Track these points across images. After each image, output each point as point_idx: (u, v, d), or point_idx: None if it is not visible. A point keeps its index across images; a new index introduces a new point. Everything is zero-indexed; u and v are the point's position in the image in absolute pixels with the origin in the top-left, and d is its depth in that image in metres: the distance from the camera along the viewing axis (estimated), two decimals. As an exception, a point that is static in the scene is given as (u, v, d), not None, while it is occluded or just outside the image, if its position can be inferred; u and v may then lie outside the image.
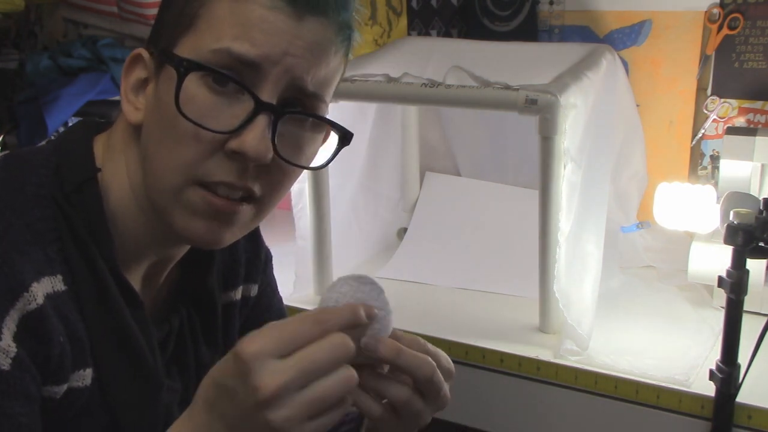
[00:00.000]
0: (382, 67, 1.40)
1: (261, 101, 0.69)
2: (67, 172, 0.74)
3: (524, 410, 1.30)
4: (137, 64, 0.76)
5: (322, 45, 0.71)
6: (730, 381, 1.11)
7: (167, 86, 0.71)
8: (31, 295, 0.67)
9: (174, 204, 0.72)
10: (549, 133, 1.22)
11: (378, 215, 1.75)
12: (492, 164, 1.79)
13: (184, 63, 0.69)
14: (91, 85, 1.81)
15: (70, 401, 0.71)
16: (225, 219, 0.73)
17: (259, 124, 0.69)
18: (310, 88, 0.72)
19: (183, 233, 0.74)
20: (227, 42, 0.69)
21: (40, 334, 0.67)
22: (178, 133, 0.70)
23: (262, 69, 0.69)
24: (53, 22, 2.33)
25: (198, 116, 0.69)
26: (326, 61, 0.72)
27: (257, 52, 0.69)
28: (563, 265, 1.27)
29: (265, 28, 0.69)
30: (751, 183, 1.44)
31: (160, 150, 0.72)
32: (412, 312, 1.45)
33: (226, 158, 0.70)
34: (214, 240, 0.75)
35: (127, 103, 0.75)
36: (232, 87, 0.69)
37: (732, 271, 1.10)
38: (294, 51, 0.70)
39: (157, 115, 0.72)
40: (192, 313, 0.87)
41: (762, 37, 1.55)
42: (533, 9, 1.73)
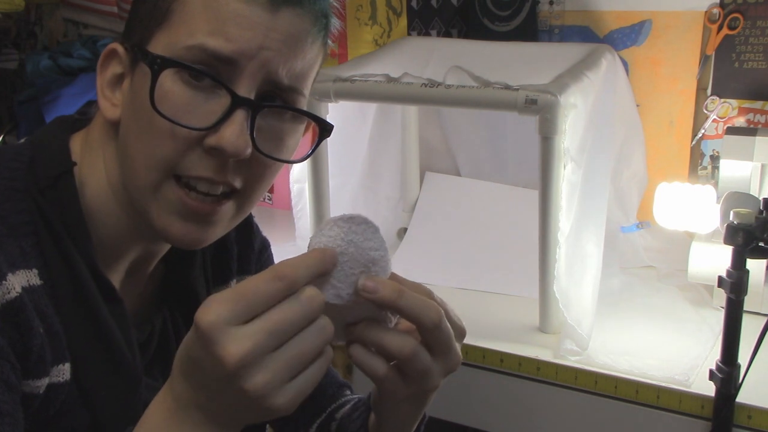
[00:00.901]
0: (382, 67, 1.40)
1: (238, 96, 0.68)
2: (41, 166, 0.72)
3: (524, 410, 1.30)
4: (112, 59, 0.74)
5: (298, 36, 0.70)
6: (730, 381, 1.11)
7: (142, 82, 0.69)
8: (6, 286, 0.66)
9: (152, 201, 0.71)
10: (549, 133, 1.22)
11: (378, 215, 1.75)
12: (492, 164, 1.79)
13: (158, 60, 0.68)
14: (91, 85, 1.81)
15: (50, 397, 0.70)
16: (202, 219, 0.72)
17: (236, 120, 0.68)
18: (286, 81, 0.71)
19: (162, 232, 0.73)
20: (201, 37, 0.68)
21: (19, 324, 0.66)
22: (155, 130, 0.69)
23: (237, 64, 0.68)
24: (53, 22, 2.33)
25: (174, 113, 0.68)
26: (302, 53, 0.71)
27: (232, 48, 0.67)
28: (563, 265, 1.27)
29: (239, 22, 0.67)
30: (751, 183, 1.44)
31: (137, 146, 0.71)
32: (412, 312, 1.45)
33: (204, 154, 0.69)
34: (193, 240, 0.73)
35: (104, 99, 0.74)
36: (208, 82, 0.68)
37: (732, 271, 1.10)
38: (270, 44, 0.68)
39: (134, 112, 0.71)
40: (176, 312, 0.85)
41: (762, 37, 1.55)
42: (533, 9, 1.73)
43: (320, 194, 1.46)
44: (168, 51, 0.68)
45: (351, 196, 1.65)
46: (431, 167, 1.86)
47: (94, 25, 2.16)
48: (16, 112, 1.88)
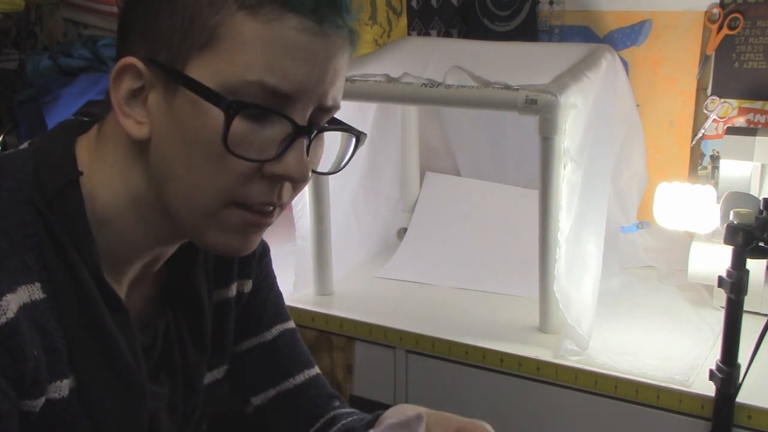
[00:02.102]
0: (382, 67, 1.40)
1: (300, 126, 0.70)
2: (47, 176, 0.71)
3: (524, 410, 1.30)
4: (126, 74, 0.71)
5: (341, 57, 0.72)
6: (730, 381, 1.11)
7: (192, 113, 0.68)
8: (3, 307, 0.65)
9: (208, 223, 0.72)
10: (549, 133, 1.22)
11: (378, 215, 1.75)
12: (492, 164, 1.79)
13: (233, 105, 0.66)
14: (91, 85, 1.82)
15: (47, 413, 0.70)
16: (257, 231, 0.75)
17: (298, 147, 0.70)
18: (331, 102, 0.73)
19: (215, 247, 0.74)
20: (258, 73, 0.67)
21: (11, 349, 0.65)
22: (220, 165, 0.69)
23: (293, 98, 0.69)
24: (53, 22, 2.33)
25: (240, 149, 0.68)
26: (342, 72, 0.73)
27: (290, 85, 0.68)
28: (563, 265, 1.27)
29: (296, 55, 0.67)
30: (751, 183, 1.44)
31: (190, 174, 0.70)
32: (412, 312, 1.45)
33: (262, 179, 0.71)
34: (244, 249, 0.75)
35: (124, 117, 0.71)
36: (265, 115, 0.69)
37: (732, 271, 1.10)
38: (320, 75, 0.70)
39: (181, 140, 0.70)
40: (179, 314, 0.85)
41: (762, 37, 1.55)
42: (533, 9, 1.73)
43: (320, 194, 1.46)
44: (218, 80, 0.67)
45: (351, 196, 1.65)
46: (431, 167, 1.86)
47: (94, 25, 2.16)
48: (16, 112, 1.88)
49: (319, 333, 1.46)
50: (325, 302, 1.50)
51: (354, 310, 1.45)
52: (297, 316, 1.47)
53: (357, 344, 1.43)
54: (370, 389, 1.44)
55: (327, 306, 1.48)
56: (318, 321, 1.46)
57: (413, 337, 1.36)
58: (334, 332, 1.44)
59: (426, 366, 1.36)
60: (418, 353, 1.37)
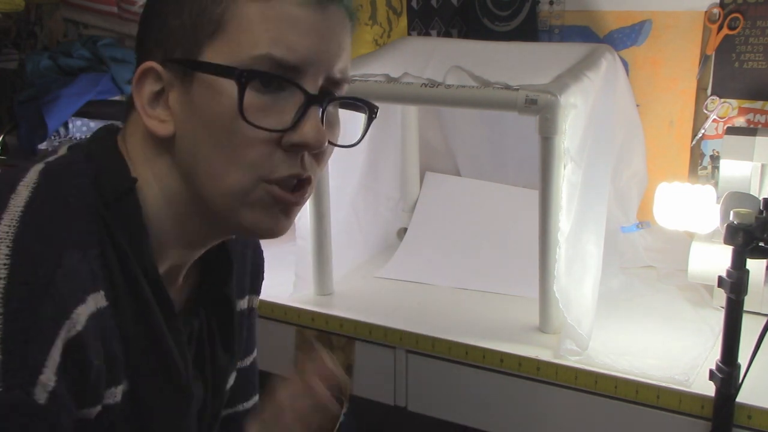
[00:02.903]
0: (382, 67, 1.40)
1: (310, 94, 0.73)
2: (106, 182, 0.74)
3: (524, 410, 1.30)
4: (147, 77, 0.75)
5: (342, 33, 0.76)
6: (730, 381, 1.11)
7: (209, 95, 0.72)
8: (73, 321, 0.66)
9: (243, 203, 0.75)
10: (549, 133, 1.22)
11: (378, 215, 1.75)
12: (492, 164, 1.79)
13: (244, 73, 0.70)
14: (91, 85, 1.82)
15: (101, 419, 0.72)
16: (291, 210, 0.78)
17: (313, 116, 0.74)
18: (338, 75, 0.76)
19: (252, 228, 0.77)
20: (265, 47, 0.71)
21: (79, 361, 0.67)
22: (238, 139, 0.72)
23: (301, 69, 0.73)
24: (53, 22, 2.33)
25: (256, 119, 0.71)
26: (346, 48, 0.77)
27: (296, 56, 0.72)
28: (563, 265, 1.27)
29: (297, 27, 0.72)
30: (751, 183, 1.44)
31: (217, 157, 0.73)
32: (412, 312, 1.45)
33: (284, 153, 0.74)
34: (280, 230, 0.78)
35: (149, 118, 0.75)
36: (276, 86, 0.72)
37: (732, 271, 1.10)
38: (324, 47, 0.74)
39: (203, 124, 0.73)
40: (211, 317, 0.88)
41: (762, 37, 1.55)
42: (533, 9, 1.73)
43: (320, 194, 1.46)
44: (230, 60, 0.71)
45: (351, 196, 1.65)
46: (431, 167, 1.86)
47: (94, 25, 2.17)
48: (16, 112, 1.88)
49: (319, 333, 1.46)
50: (325, 302, 1.50)
51: (354, 310, 1.45)
52: (297, 316, 1.47)
53: (357, 344, 1.43)
54: (370, 389, 1.44)
55: (327, 306, 1.48)
56: (318, 321, 1.46)
57: (413, 337, 1.36)
58: (334, 332, 1.44)
59: (426, 366, 1.36)
60: (418, 353, 1.37)
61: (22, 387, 0.62)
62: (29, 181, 0.71)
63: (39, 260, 0.65)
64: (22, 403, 0.62)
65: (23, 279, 0.64)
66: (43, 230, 0.67)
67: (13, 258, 0.64)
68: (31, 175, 0.72)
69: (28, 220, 0.67)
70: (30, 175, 0.72)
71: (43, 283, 0.65)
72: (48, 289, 0.64)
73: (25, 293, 0.64)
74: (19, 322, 0.63)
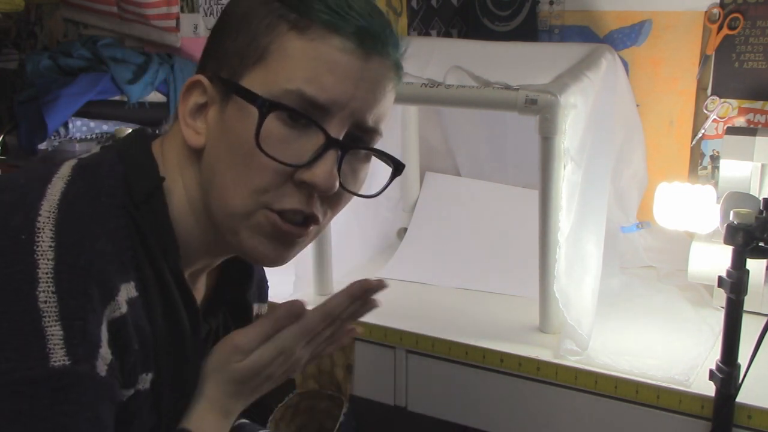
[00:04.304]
0: (382, 67, 1.40)
1: (331, 138, 0.74)
2: (135, 182, 0.76)
3: (524, 410, 1.30)
4: (195, 89, 0.78)
5: (383, 83, 0.77)
6: (730, 381, 1.11)
7: (238, 117, 0.74)
8: (117, 303, 0.70)
9: (243, 226, 0.77)
10: (549, 133, 1.22)
11: (378, 215, 1.75)
12: (492, 164, 1.79)
13: (267, 103, 0.72)
14: (91, 85, 1.81)
15: (130, 404, 0.74)
16: (290, 242, 0.79)
17: (329, 159, 0.75)
18: (371, 124, 0.78)
19: (249, 252, 0.79)
20: (299, 83, 0.73)
21: (122, 341, 0.71)
22: (252, 164, 0.74)
23: (330, 110, 0.74)
24: (53, 22, 2.33)
25: (273, 150, 0.73)
26: (385, 99, 0.78)
27: (327, 97, 0.73)
28: (563, 265, 1.27)
29: (335, 71, 0.73)
30: (751, 183, 1.44)
31: (230, 176, 0.76)
32: (412, 312, 1.45)
33: (294, 187, 0.75)
34: (277, 259, 0.80)
35: (187, 127, 0.78)
36: (303, 123, 0.74)
37: (732, 271, 1.10)
38: (359, 94, 0.75)
39: (227, 143, 0.76)
40: (229, 321, 0.91)
41: (762, 37, 1.55)
42: (533, 9, 1.73)
43: (320, 194, 1.46)
44: (264, 90, 0.74)
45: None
46: (431, 167, 1.86)
47: (94, 25, 2.16)
48: (16, 112, 1.88)
49: (319, 333, 1.46)
50: (325, 302, 1.50)
51: (354, 310, 1.45)
52: (297, 316, 1.47)
53: (357, 344, 1.43)
54: (370, 389, 1.44)
55: (327, 306, 1.48)
56: (318, 321, 1.46)
57: (413, 337, 1.36)
58: (334, 332, 1.44)
59: (426, 366, 1.36)
60: (418, 353, 1.37)
61: (88, 360, 0.66)
62: (63, 175, 0.74)
63: (80, 245, 0.68)
64: (89, 375, 0.66)
65: (69, 261, 0.67)
66: (80, 220, 0.70)
67: (57, 241, 0.67)
68: (65, 169, 0.75)
69: (65, 209, 0.70)
70: (63, 169, 0.75)
71: (86, 266, 0.68)
72: (91, 271, 0.68)
73: (74, 273, 0.67)
74: (73, 300, 0.66)
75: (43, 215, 0.68)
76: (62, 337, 0.65)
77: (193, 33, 2.10)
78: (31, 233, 0.67)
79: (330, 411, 1.50)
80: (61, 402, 0.64)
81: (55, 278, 0.66)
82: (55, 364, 0.64)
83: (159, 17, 2.04)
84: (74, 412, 0.65)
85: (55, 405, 0.64)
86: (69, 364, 0.65)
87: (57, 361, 0.64)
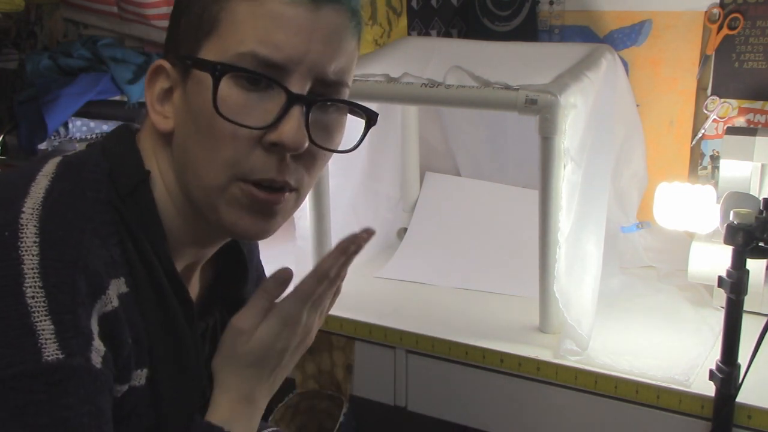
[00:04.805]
0: (382, 67, 1.40)
1: (293, 94, 0.73)
2: (120, 177, 0.76)
3: (524, 410, 1.30)
4: (159, 75, 0.77)
5: (340, 33, 0.74)
6: (730, 381, 1.11)
7: (198, 91, 0.73)
8: (108, 297, 0.70)
9: (219, 200, 0.75)
10: (549, 133, 1.22)
11: (378, 215, 1.75)
12: (492, 164, 1.79)
13: (218, 66, 0.71)
14: (91, 85, 1.81)
15: (126, 400, 0.74)
16: (269, 211, 0.77)
17: (293, 116, 0.73)
18: (333, 77, 0.75)
19: (231, 228, 0.77)
20: (252, 45, 0.71)
21: (114, 335, 0.70)
22: (217, 134, 0.73)
23: (287, 68, 0.72)
24: (53, 22, 2.33)
25: (234, 115, 0.72)
26: (344, 48, 0.75)
27: (281, 55, 0.71)
28: (563, 265, 1.27)
29: (285, 27, 0.71)
30: (751, 183, 1.44)
31: (200, 151, 0.74)
32: (412, 312, 1.45)
33: (264, 152, 0.73)
34: (260, 231, 0.78)
35: (155, 113, 0.77)
36: (263, 84, 0.72)
37: (732, 271, 1.10)
38: (315, 47, 0.72)
39: (191, 119, 0.75)
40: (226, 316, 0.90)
41: (762, 37, 1.55)
42: (533, 9, 1.73)
43: (320, 194, 1.46)
44: (219, 58, 0.72)
45: (351, 196, 1.65)
46: (431, 167, 1.86)
47: (94, 25, 2.16)
48: (16, 112, 1.88)
49: (319, 333, 1.45)
50: (325, 302, 1.50)
51: (354, 310, 1.45)
52: (297, 316, 1.47)
53: (357, 344, 1.43)
54: (370, 389, 1.44)
55: (327, 306, 1.48)
56: (318, 321, 1.46)
57: (413, 337, 1.36)
58: (334, 332, 1.44)
59: (426, 366, 1.37)
60: (418, 353, 1.37)
61: (82, 353, 0.66)
62: (47, 172, 0.73)
63: (65, 240, 0.68)
64: (83, 368, 0.66)
65: (55, 255, 0.66)
66: (64, 216, 0.70)
67: (42, 236, 0.67)
68: (49, 166, 0.74)
69: (49, 205, 0.69)
70: (47, 166, 0.74)
71: (73, 260, 0.67)
72: (78, 264, 0.67)
73: (60, 268, 0.66)
74: (62, 294, 0.66)
75: (27, 212, 0.68)
76: (53, 332, 0.64)
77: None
78: (14, 230, 0.66)
79: (330, 411, 1.50)
80: (58, 396, 0.64)
81: (41, 273, 0.65)
82: (48, 358, 0.64)
83: (159, 17, 2.04)
84: (73, 405, 0.65)
85: (53, 399, 0.64)
86: (63, 357, 0.64)
87: (50, 355, 0.64)
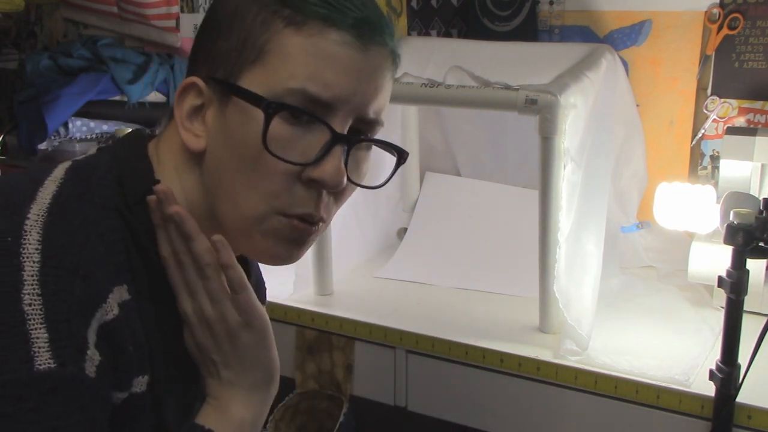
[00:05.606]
0: (382, 67, 1.40)
1: (337, 134, 0.74)
2: (129, 184, 0.76)
3: (524, 410, 1.30)
4: (190, 92, 0.77)
5: (383, 73, 0.77)
6: (730, 381, 1.11)
7: (241, 121, 0.73)
8: (109, 305, 0.70)
9: (255, 230, 0.76)
10: (549, 133, 1.22)
11: (378, 215, 1.75)
12: (492, 164, 1.79)
13: (272, 105, 0.72)
14: (91, 85, 1.81)
15: (126, 406, 0.74)
16: (302, 241, 0.78)
17: (335, 155, 0.74)
18: (372, 115, 0.78)
19: (262, 254, 0.79)
20: (301, 81, 0.72)
21: (114, 344, 0.70)
22: (260, 167, 0.73)
23: (333, 107, 0.73)
24: (53, 22, 2.33)
25: (280, 150, 0.72)
26: (384, 89, 0.78)
27: (329, 94, 0.73)
28: (563, 265, 1.27)
29: (336, 65, 0.72)
30: (751, 183, 1.44)
31: (239, 180, 0.75)
32: (412, 312, 1.45)
33: (303, 187, 0.75)
34: (289, 258, 0.79)
35: (185, 131, 0.77)
36: (306, 120, 0.73)
37: (732, 271, 1.10)
38: (361, 88, 0.74)
39: (231, 147, 0.75)
40: None
41: (762, 37, 1.55)
42: (533, 9, 1.73)
43: (320, 194, 1.46)
44: (265, 90, 0.72)
45: (351, 196, 1.65)
46: (431, 167, 1.86)
47: (94, 25, 2.16)
48: (16, 112, 1.88)
49: (319, 333, 1.46)
50: (325, 302, 1.50)
51: (354, 310, 1.45)
52: (297, 316, 1.47)
53: (357, 344, 1.43)
54: (370, 389, 1.44)
55: (327, 306, 1.48)
56: (318, 321, 1.46)
57: (413, 337, 1.36)
58: (334, 332, 1.44)
59: (426, 366, 1.36)
60: (418, 353, 1.37)
61: (75, 362, 0.65)
62: (56, 177, 0.74)
63: (67, 247, 0.68)
64: (77, 378, 0.65)
65: (55, 263, 0.66)
66: (70, 223, 0.70)
67: (44, 244, 0.67)
68: (58, 171, 0.75)
69: (55, 211, 0.70)
70: (56, 171, 0.75)
71: (73, 268, 0.67)
72: (77, 272, 0.67)
73: (60, 276, 0.66)
74: (59, 303, 0.65)
75: (32, 218, 0.68)
76: (47, 340, 0.64)
77: (193, 33, 2.10)
78: (17, 236, 0.67)
79: (330, 411, 1.50)
80: (48, 405, 0.64)
81: (40, 281, 0.65)
82: (40, 367, 0.63)
83: (159, 17, 2.04)
84: (62, 414, 0.64)
85: (43, 408, 0.63)
86: (54, 367, 0.64)
87: (42, 364, 0.63)
